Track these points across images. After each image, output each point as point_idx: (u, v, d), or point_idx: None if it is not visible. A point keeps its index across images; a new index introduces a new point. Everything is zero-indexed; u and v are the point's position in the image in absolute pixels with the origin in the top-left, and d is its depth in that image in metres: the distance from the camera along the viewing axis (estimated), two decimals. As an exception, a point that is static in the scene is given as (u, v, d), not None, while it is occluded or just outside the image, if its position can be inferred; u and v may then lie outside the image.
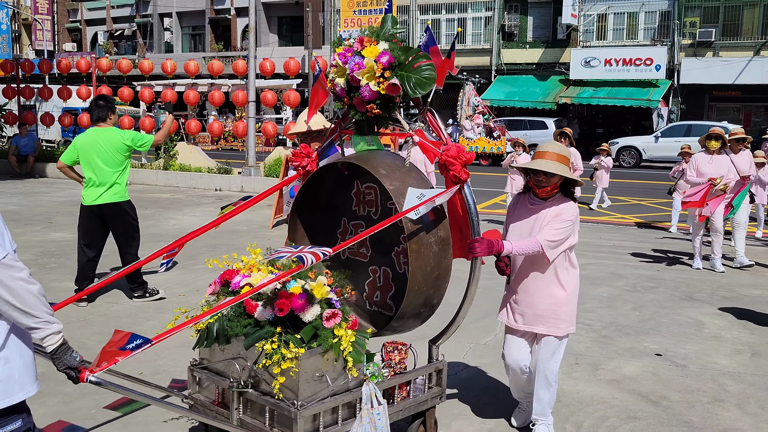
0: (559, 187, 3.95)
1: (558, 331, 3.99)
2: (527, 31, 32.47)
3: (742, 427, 4.39)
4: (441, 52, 3.76)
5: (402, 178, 3.65)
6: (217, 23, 41.65)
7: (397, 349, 3.77)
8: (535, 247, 3.81)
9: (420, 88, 3.54)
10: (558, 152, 3.92)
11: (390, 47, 3.58)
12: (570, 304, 4.03)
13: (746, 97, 28.83)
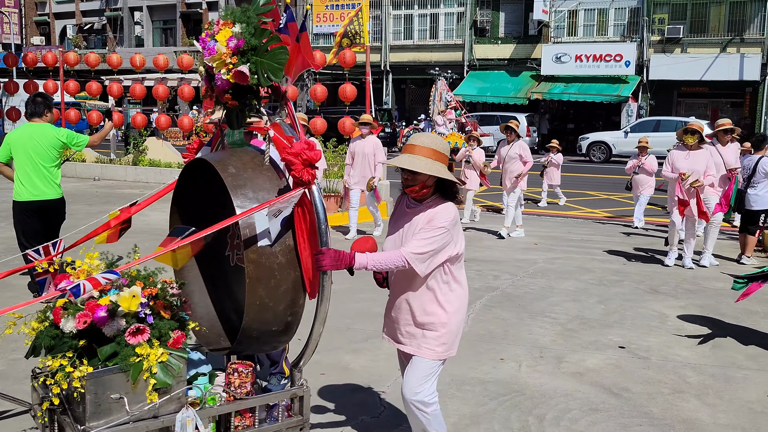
0: (436, 187, 3.34)
1: (431, 353, 3.44)
2: (499, 27, 32.61)
3: (700, 417, 4.47)
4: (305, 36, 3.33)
5: (251, 177, 3.21)
6: (189, 17, 41.26)
7: (237, 371, 3.29)
8: (398, 261, 3.26)
9: (273, 75, 3.11)
10: (429, 146, 3.32)
11: (242, 30, 3.12)
12: (449, 326, 3.45)
13: (713, 93, 29.25)
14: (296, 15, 33.95)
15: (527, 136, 28.19)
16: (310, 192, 3.17)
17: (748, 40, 27.93)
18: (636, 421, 4.39)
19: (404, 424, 4.26)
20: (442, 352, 3.46)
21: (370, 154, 10.15)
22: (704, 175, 8.49)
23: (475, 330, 6.10)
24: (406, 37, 34.44)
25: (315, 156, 3.12)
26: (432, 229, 3.25)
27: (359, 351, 5.52)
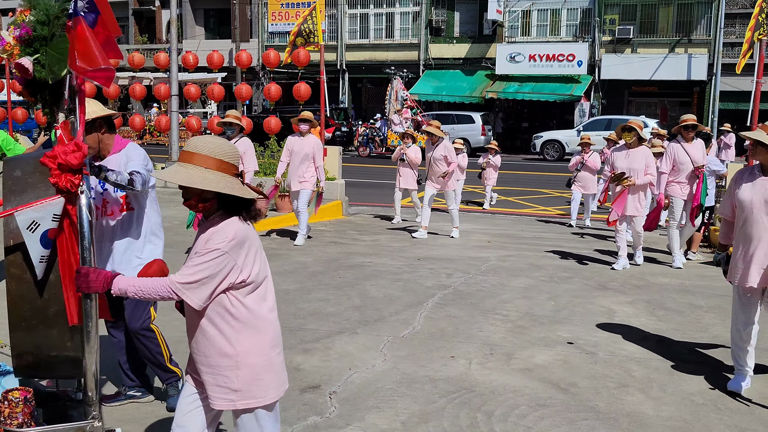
0: (220, 201, 2.78)
1: (225, 403, 2.84)
2: (454, 27, 32.84)
3: (644, 410, 4.56)
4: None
5: (35, 182, 2.86)
6: (142, 15, 40.62)
7: (8, 400, 2.96)
8: (163, 291, 2.77)
9: (56, 68, 2.77)
10: (205, 152, 2.76)
11: (34, 16, 2.77)
12: (240, 369, 2.82)
13: (663, 92, 29.92)
14: (253, 13, 33.47)
15: (482, 135, 28.45)
16: (74, 202, 2.74)
17: (695, 41, 28.63)
18: (582, 416, 4.46)
19: (354, 424, 4.27)
20: (237, 401, 2.83)
21: (309, 155, 9.56)
22: (644, 173, 8.37)
23: (426, 328, 6.14)
24: (362, 36, 34.45)
25: (73, 159, 2.67)
26: (206, 252, 2.71)
27: (310, 351, 5.50)
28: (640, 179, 8.41)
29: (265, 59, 14.31)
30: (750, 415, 4.49)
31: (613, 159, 8.65)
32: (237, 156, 2.87)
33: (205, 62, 15.55)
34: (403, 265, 8.61)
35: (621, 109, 29.92)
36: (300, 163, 9.52)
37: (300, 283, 7.65)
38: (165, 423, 4.21)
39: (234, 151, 2.86)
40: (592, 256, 9.43)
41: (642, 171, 8.39)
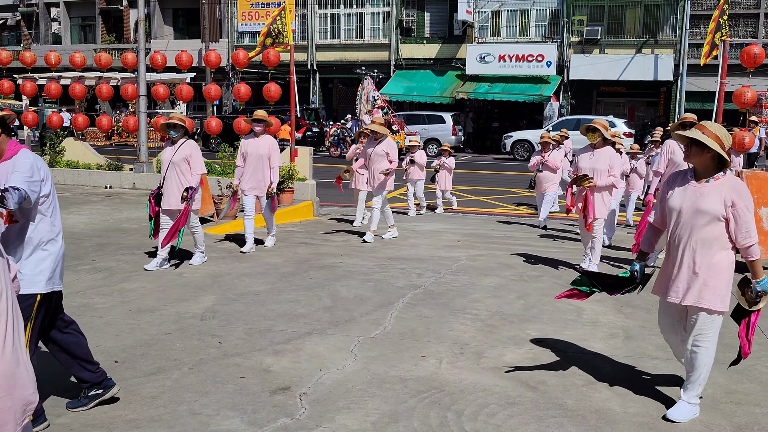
0: None
1: None
2: (424, 27, 32.95)
3: (611, 407, 4.62)
4: None
5: None
6: (109, 14, 40.12)
7: None
8: None
9: None
10: None
11: None
12: None
13: (630, 92, 30.34)
14: (222, 13, 33.29)
15: (453, 135, 28.58)
16: None
17: (661, 42, 29.06)
18: (551, 413, 4.50)
19: (324, 425, 4.27)
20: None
21: (265, 156, 9.11)
22: (607, 174, 8.09)
23: (397, 328, 6.15)
24: (333, 36, 34.40)
25: None
26: None
27: (281, 353, 5.48)
28: (602, 180, 8.10)
29: (235, 59, 14.23)
30: (715, 410, 4.57)
31: (577, 160, 8.39)
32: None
33: (173, 62, 15.42)
34: (374, 265, 8.61)
35: (590, 109, 30.26)
36: (255, 166, 9.13)
37: (270, 284, 7.62)
38: (137, 424, 4.18)
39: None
40: (561, 256, 9.52)
41: (605, 172, 8.10)
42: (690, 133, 4.25)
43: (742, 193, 4.21)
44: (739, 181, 4.28)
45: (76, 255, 8.74)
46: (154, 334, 5.87)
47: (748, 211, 4.19)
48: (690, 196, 4.31)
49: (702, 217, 4.25)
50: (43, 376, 4.90)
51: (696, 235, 4.29)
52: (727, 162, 4.25)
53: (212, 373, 5.02)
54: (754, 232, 4.21)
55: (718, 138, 4.23)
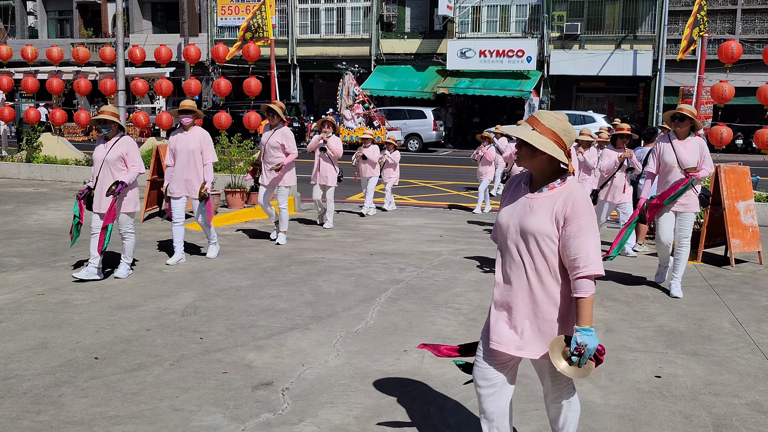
0: None
1: None
2: (405, 22, 32.94)
3: (593, 399, 4.65)
4: None
5: None
6: (87, 8, 39.68)
7: None
8: None
9: None
10: None
11: None
12: None
13: (610, 87, 30.56)
14: (202, 7, 33.16)
15: (434, 130, 28.63)
16: None
17: (640, 38, 29.27)
18: (532, 406, 4.53)
19: (307, 420, 4.26)
20: None
21: (196, 151, 8.11)
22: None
23: (379, 323, 6.15)
24: (313, 31, 34.30)
25: None
26: None
27: (263, 348, 5.47)
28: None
29: (215, 54, 14.15)
30: (694, 402, 4.62)
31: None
32: None
33: (152, 57, 15.31)
34: (356, 260, 8.61)
35: (569, 105, 30.44)
36: (186, 163, 8.11)
37: (252, 279, 7.59)
38: (117, 420, 4.15)
39: None
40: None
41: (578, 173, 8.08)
42: (514, 130, 3.22)
43: (579, 207, 3.11)
44: (578, 190, 3.16)
45: (54, 251, 8.65)
46: (135, 330, 5.83)
47: (585, 230, 3.08)
48: (519, 210, 3.25)
49: (529, 239, 3.18)
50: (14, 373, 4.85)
51: (525, 262, 3.22)
52: (567, 165, 3.20)
53: (194, 369, 4.99)
54: (594, 258, 3.05)
55: (555, 134, 3.18)
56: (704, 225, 8.96)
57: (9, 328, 5.79)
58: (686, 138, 7.18)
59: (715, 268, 8.62)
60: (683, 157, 7.10)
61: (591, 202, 3.18)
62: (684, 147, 7.15)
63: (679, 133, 7.18)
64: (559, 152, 3.15)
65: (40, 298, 6.69)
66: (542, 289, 3.19)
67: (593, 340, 3.04)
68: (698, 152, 7.15)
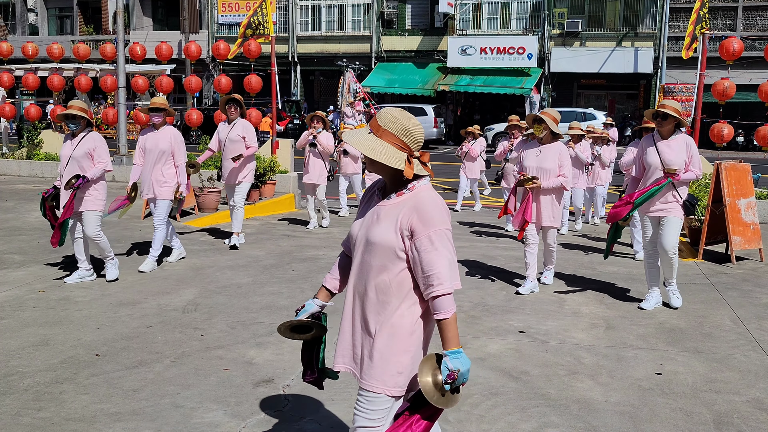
0: None
1: None
2: (406, 19, 32.90)
3: (593, 396, 4.66)
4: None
5: None
6: (87, 5, 39.65)
7: None
8: None
9: None
10: None
11: None
12: None
13: (611, 85, 30.52)
14: (202, 3, 33.02)
15: (435, 127, 28.59)
16: None
17: (641, 35, 29.23)
18: (533, 403, 4.53)
19: (307, 417, 4.26)
20: None
21: (167, 151, 7.67)
22: (556, 174, 6.98)
23: (380, 320, 6.15)
24: (314, 28, 34.27)
25: None
26: None
27: (264, 345, 5.47)
28: (550, 181, 6.96)
29: (215, 51, 14.13)
30: (695, 399, 4.62)
31: (522, 157, 7.22)
32: None
33: (153, 54, 15.29)
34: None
35: (570, 102, 30.42)
36: (155, 163, 7.67)
37: (253, 276, 7.59)
38: (119, 417, 4.15)
39: None
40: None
41: (554, 171, 6.96)
42: (349, 135, 2.87)
43: (427, 217, 2.73)
44: (427, 198, 2.77)
45: (55, 248, 8.65)
46: (136, 327, 5.83)
47: (435, 244, 2.71)
48: (368, 220, 2.89)
49: (373, 252, 2.82)
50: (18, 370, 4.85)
51: (370, 279, 2.84)
52: (409, 169, 2.76)
53: (195, 366, 4.99)
54: (446, 274, 2.70)
55: (393, 136, 2.79)
56: (705, 222, 8.96)
57: (10, 325, 5.79)
58: (671, 137, 6.46)
59: (716, 266, 8.62)
60: (667, 157, 6.38)
61: (443, 211, 2.77)
62: (668, 147, 6.43)
63: (663, 133, 6.47)
64: (392, 157, 2.76)
65: (41, 295, 6.69)
66: (384, 307, 2.82)
67: (465, 362, 2.68)
68: (684, 152, 6.41)
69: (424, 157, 2.89)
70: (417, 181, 2.83)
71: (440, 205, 2.80)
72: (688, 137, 6.50)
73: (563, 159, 6.98)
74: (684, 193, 6.51)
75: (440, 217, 2.76)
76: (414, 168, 2.79)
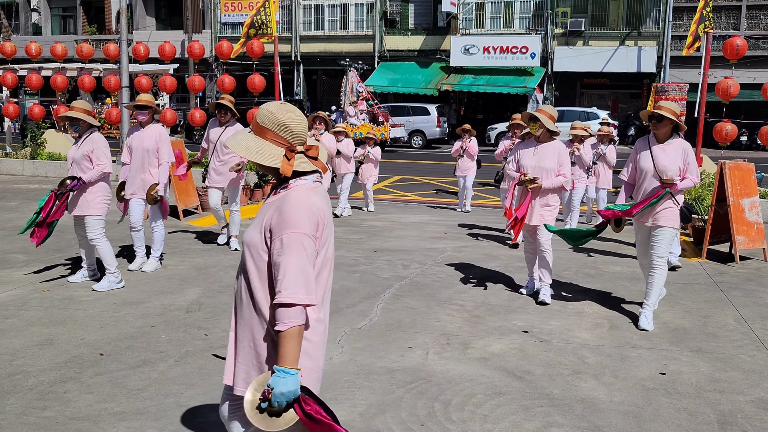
0: None
1: None
2: (409, 18, 32.89)
3: (597, 396, 4.65)
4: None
5: None
6: (90, 5, 39.71)
7: None
8: None
9: None
10: None
11: None
12: None
13: (614, 84, 30.47)
14: (205, 3, 33.06)
15: (437, 127, 28.59)
16: None
17: (645, 34, 29.19)
18: (537, 403, 4.53)
19: (311, 415, 4.26)
20: None
21: (151, 150, 7.39)
22: (556, 173, 6.69)
23: (383, 319, 6.15)
24: (317, 28, 34.27)
25: None
26: None
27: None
28: (551, 181, 6.69)
29: (218, 50, 14.15)
30: (699, 399, 4.62)
31: (519, 156, 6.88)
32: None
33: (156, 53, 15.32)
34: (360, 256, 8.61)
35: (573, 101, 30.40)
36: (141, 162, 7.40)
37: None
38: (123, 417, 4.16)
39: None
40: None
41: (554, 171, 6.67)
42: (230, 137, 2.73)
43: (284, 219, 2.57)
44: (291, 199, 2.61)
45: (59, 247, 8.67)
46: (140, 326, 5.84)
47: (286, 248, 2.54)
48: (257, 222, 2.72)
49: (246, 253, 2.70)
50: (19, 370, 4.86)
51: (243, 281, 2.72)
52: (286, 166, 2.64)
53: (198, 366, 5.00)
54: (292, 281, 2.50)
55: (271, 132, 2.67)
56: (709, 222, 8.95)
57: (14, 325, 5.80)
58: (667, 140, 6.07)
59: (720, 265, 8.61)
60: (662, 163, 6.00)
61: (306, 214, 2.57)
62: (663, 151, 6.04)
63: (659, 136, 6.06)
64: (267, 155, 2.64)
65: (45, 294, 6.70)
66: (257, 314, 2.65)
67: (287, 384, 2.43)
68: (680, 157, 6.00)
69: (311, 151, 2.73)
70: (297, 178, 2.69)
71: (305, 207, 2.59)
72: (685, 142, 6.09)
73: (563, 158, 6.71)
74: (681, 200, 6.15)
75: (298, 219, 2.55)
76: (296, 164, 2.66)
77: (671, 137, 6.09)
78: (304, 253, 2.54)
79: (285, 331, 2.48)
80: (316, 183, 2.72)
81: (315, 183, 2.72)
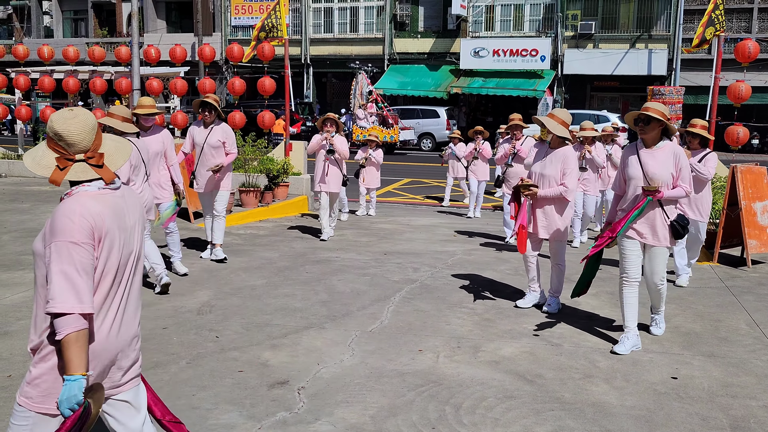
0: None
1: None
2: (418, 21, 32.91)
3: (609, 400, 4.64)
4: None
5: None
6: (101, 8, 39.93)
7: None
8: None
9: None
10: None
11: None
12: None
13: (624, 87, 30.38)
14: (216, 6, 33.13)
15: (447, 129, 28.58)
16: None
17: (655, 36, 29.10)
18: (548, 407, 4.52)
19: (322, 419, 4.27)
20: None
21: (160, 153, 7.30)
22: (558, 182, 6.45)
23: (394, 322, 6.16)
24: (327, 31, 34.34)
25: None
26: None
27: (278, 347, 5.49)
28: (548, 190, 6.44)
29: (229, 53, 14.19)
30: (711, 403, 4.60)
31: (531, 159, 6.76)
32: None
33: (167, 56, 15.36)
34: (370, 259, 8.61)
35: (583, 104, 30.32)
36: (151, 167, 7.13)
37: (267, 278, 7.61)
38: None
39: None
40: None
41: (555, 179, 6.43)
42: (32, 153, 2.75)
43: (53, 225, 2.56)
44: (63, 206, 2.60)
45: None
46: (151, 328, 5.86)
47: (53, 257, 2.52)
48: None
49: (36, 261, 2.69)
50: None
51: (36, 293, 2.70)
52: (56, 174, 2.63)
53: (210, 368, 5.02)
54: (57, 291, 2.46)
55: (50, 140, 2.68)
56: (720, 226, 8.90)
57: (27, 326, 5.83)
58: (656, 145, 5.54)
59: (732, 269, 8.57)
60: (651, 170, 5.47)
61: (73, 221, 2.51)
62: (652, 157, 5.50)
63: (647, 140, 5.53)
64: (39, 165, 2.65)
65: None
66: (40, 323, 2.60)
67: (69, 390, 2.43)
68: (671, 164, 5.47)
69: (94, 159, 2.65)
70: (79, 185, 2.65)
71: (76, 215, 2.53)
72: (677, 147, 5.58)
73: (567, 166, 6.38)
74: (672, 213, 5.56)
75: (67, 227, 2.50)
76: (73, 173, 2.62)
77: (661, 140, 5.55)
78: (72, 261, 2.48)
79: (62, 339, 2.44)
80: (103, 190, 2.66)
81: (101, 190, 2.65)
